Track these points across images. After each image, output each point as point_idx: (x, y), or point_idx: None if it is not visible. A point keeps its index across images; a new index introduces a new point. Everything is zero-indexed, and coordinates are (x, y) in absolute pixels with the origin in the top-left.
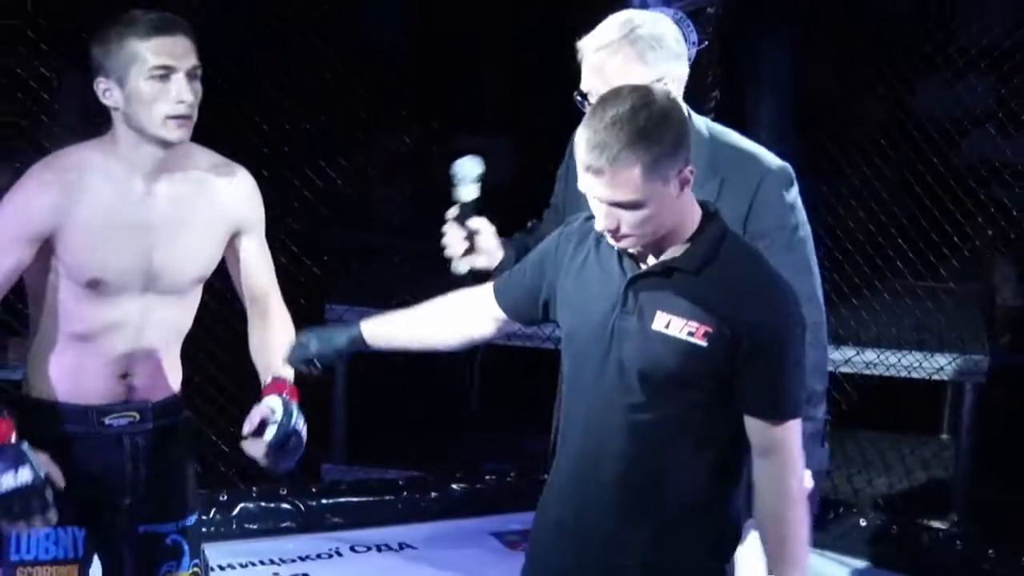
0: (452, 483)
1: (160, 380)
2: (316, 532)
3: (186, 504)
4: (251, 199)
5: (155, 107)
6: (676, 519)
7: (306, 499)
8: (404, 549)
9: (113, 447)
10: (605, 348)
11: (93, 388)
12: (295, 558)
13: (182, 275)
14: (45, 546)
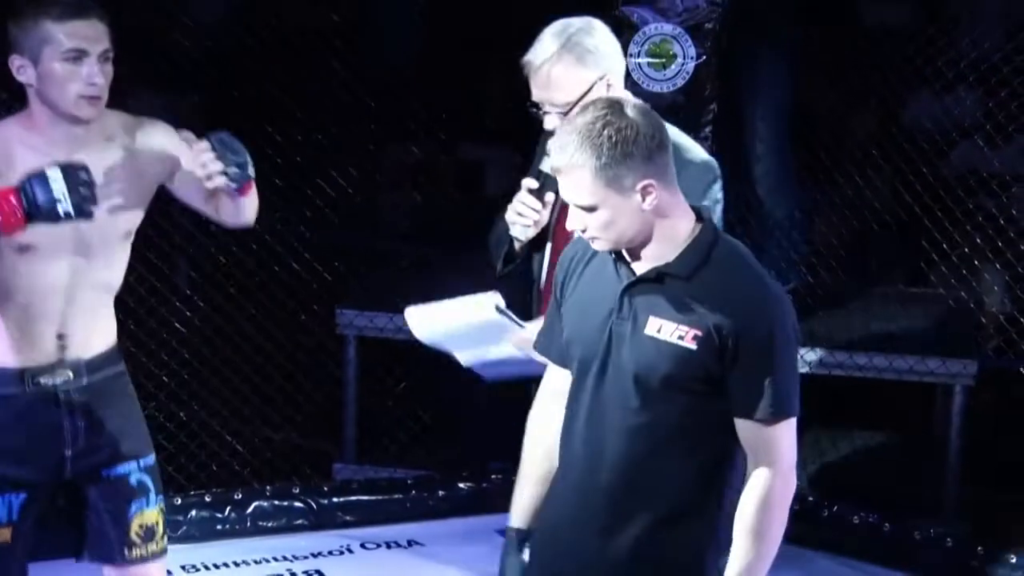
0: (459, 482)
1: (93, 337)
2: (328, 530)
3: (140, 445)
4: (168, 143)
5: (68, 87)
6: (671, 517)
7: (318, 498)
8: (413, 546)
9: (49, 405)
10: (604, 353)
11: (27, 350)
12: (307, 555)
13: (109, 233)
14: None
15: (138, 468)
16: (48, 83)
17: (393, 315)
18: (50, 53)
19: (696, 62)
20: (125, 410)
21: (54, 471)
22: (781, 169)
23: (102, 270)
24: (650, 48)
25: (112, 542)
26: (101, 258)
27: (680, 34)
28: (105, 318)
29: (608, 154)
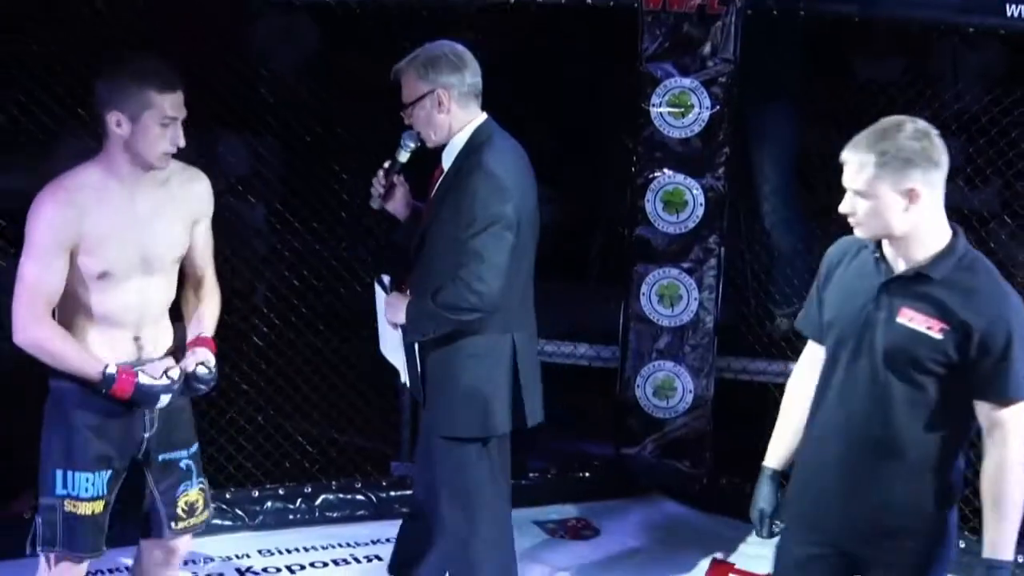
0: None
1: (161, 340)
2: (386, 519)
3: (190, 435)
4: (207, 196)
5: (158, 144)
6: (910, 473)
7: (377, 491)
8: None
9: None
10: (859, 334)
11: (112, 352)
12: (368, 541)
13: (166, 258)
14: (85, 487)
15: (187, 455)
16: (142, 139)
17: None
18: (150, 116)
19: (711, 111)
20: (181, 404)
21: (134, 451)
22: (785, 206)
23: (161, 287)
24: (670, 99)
25: (162, 517)
26: (160, 278)
27: (697, 87)
28: (167, 325)
29: (892, 156)
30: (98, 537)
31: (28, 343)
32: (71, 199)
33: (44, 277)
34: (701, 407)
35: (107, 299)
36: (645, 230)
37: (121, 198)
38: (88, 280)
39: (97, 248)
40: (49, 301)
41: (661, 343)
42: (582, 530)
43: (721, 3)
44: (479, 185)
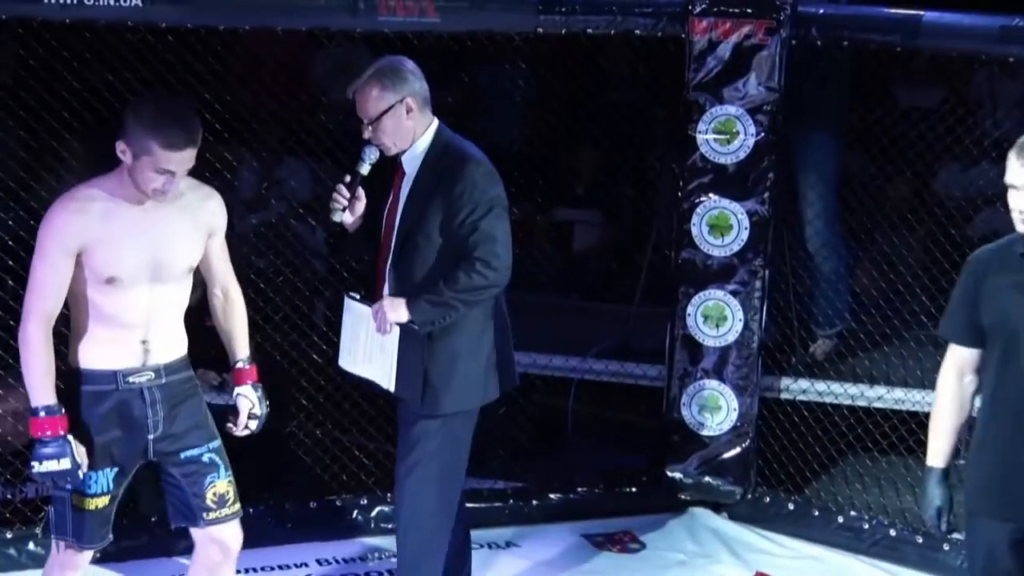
0: (550, 493)
1: (169, 347)
2: None
3: (209, 433)
4: (219, 210)
5: (150, 185)
6: None
7: None
8: (510, 547)
9: (136, 399)
10: None
11: (119, 355)
12: None
13: (177, 268)
14: (88, 484)
15: (208, 449)
16: (137, 174)
17: None
18: (148, 161)
19: (756, 138)
20: (195, 407)
21: (141, 452)
22: (828, 230)
23: (172, 294)
24: (716, 126)
25: (194, 509)
26: (171, 285)
27: (742, 114)
28: (177, 332)
29: None
30: (103, 528)
31: (20, 337)
32: (80, 208)
33: (48, 278)
34: (745, 425)
35: (115, 302)
36: (691, 253)
37: (131, 209)
38: (97, 284)
39: (105, 254)
40: (50, 304)
41: (707, 363)
42: (628, 543)
43: (766, 33)
44: (472, 173)
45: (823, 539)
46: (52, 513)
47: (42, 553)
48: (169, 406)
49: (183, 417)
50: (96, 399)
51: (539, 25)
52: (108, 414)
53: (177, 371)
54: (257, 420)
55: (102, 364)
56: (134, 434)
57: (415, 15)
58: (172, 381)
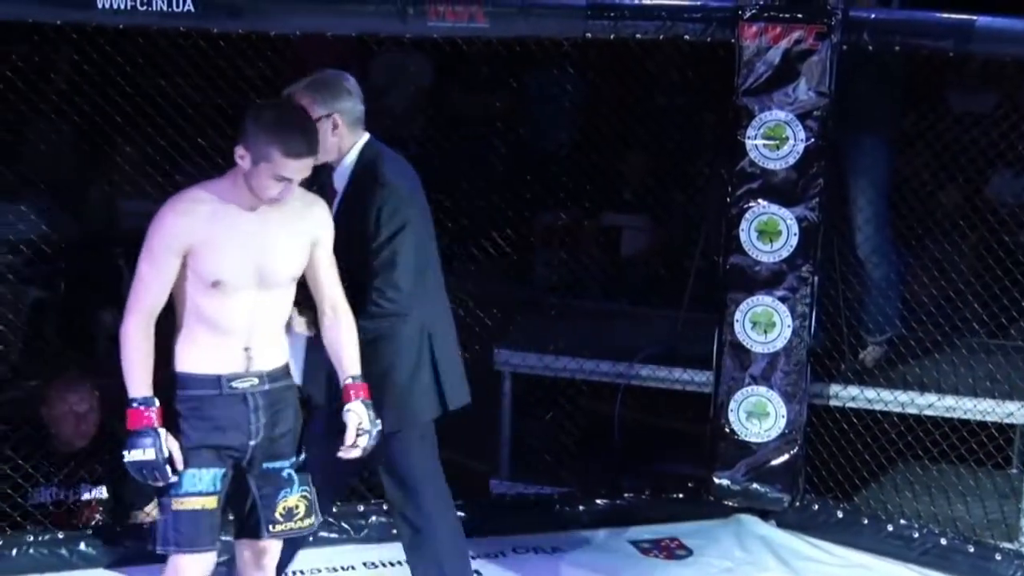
0: (596, 498)
1: (271, 354)
2: (485, 536)
3: (295, 447)
4: (325, 220)
5: (266, 192)
6: None
7: (477, 509)
8: (556, 552)
9: (240, 405)
10: None
11: (222, 361)
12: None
13: (281, 275)
14: (192, 483)
15: (289, 465)
16: (254, 180)
17: (542, 355)
18: (266, 168)
19: (806, 144)
20: (290, 417)
21: (240, 456)
22: (878, 236)
23: (275, 302)
24: (765, 131)
25: (260, 520)
26: (275, 293)
27: (792, 120)
28: (279, 340)
29: None
30: (212, 532)
31: (120, 334)
32: (189, 209)
33: (152, 277)
34: (794, 432)
35: (219, 307)
36: (740, 258)
37: (239, 214)
38: (202, 287)
39: (211, 257)
40: (152, 302)
41: (755, 369)
42: (675, 550)
43: (817, 38)
44: (380, 197)
45: (872, 547)
46: (159, 524)
47: (93, 554)
48: (270, 413)
49: (279, 426)
50: (200, 402)
51: (587, 30)
52: (212, 417)
53: (278, 379)
54: (367, 437)
55: (206, 368)
56: (237, 439)
57: (464, 20)
58: (274, 388)
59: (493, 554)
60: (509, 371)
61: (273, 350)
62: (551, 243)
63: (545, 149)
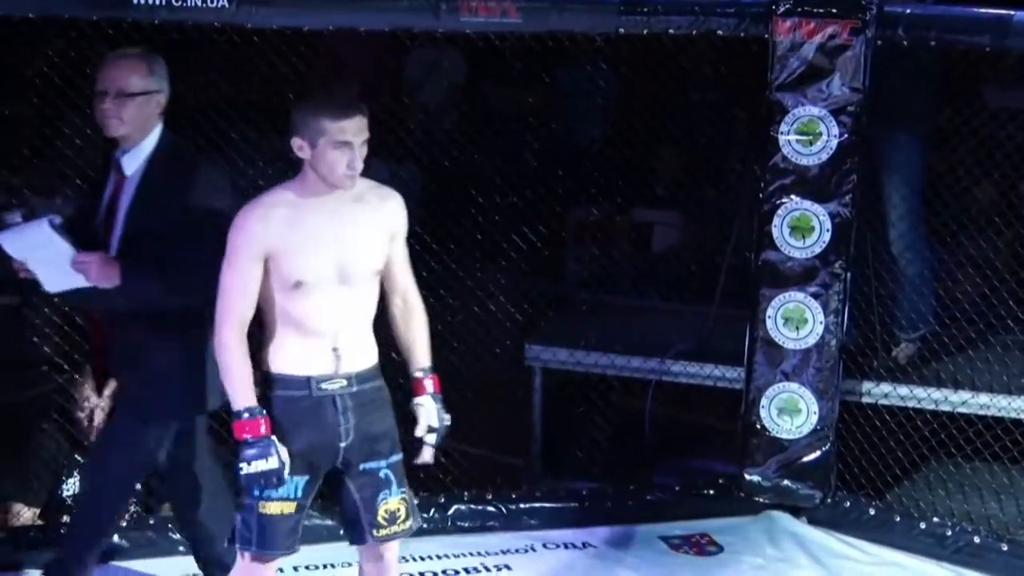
0: (627, 494)
1: (360, 354)
2: (515, 531)
3: (391, 446)
4: (400, 212)
5: (336, 168)
6: None
7: (508, 503)
8: (586, 547)
9: (328, 406)
10: None
11: (311, 362)
12: (498, 551)
13: (362, 269)
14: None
15: (386, 465)
16: (320, 163)
17: (573, 351)
18: (325, 142)
19: (839, 140)
20: (383, 416)
21: (331, 460)
22: (912, 233)
23: (360, 298)
24: (799, 127)
25: (364, 525)
26: (358, 289)
27: (825, 115)
28: (367, 339)
29: None
30: (288, 537)
31: (214, 346)
32: (266, 214)
33: (236, 285)
34: (826, 429)
35: (304, 307)
36: (772, 254)
37: (316, 213)
38: (286, 289)
39: (292, 259)
40: (242, 310)
41: (786, 365)
42: (706, 546)
43: (851, 33)
44: (200, 182)
45: (904, 545)
46: (239, 522)
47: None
48: (360, 414)
49: (371, 427)
50: (289, 404)
51: (620, 25)
52: (301, 420)
53: (368, 379)
54: (436, 433)
55: (295, 370)
56: (326, 441)
57: (497, 16)
58: (363, 389)
59: (523, 549)
60: (540, 366)
61: (362, 351)
62: (583, 239)
63: (577, 144)
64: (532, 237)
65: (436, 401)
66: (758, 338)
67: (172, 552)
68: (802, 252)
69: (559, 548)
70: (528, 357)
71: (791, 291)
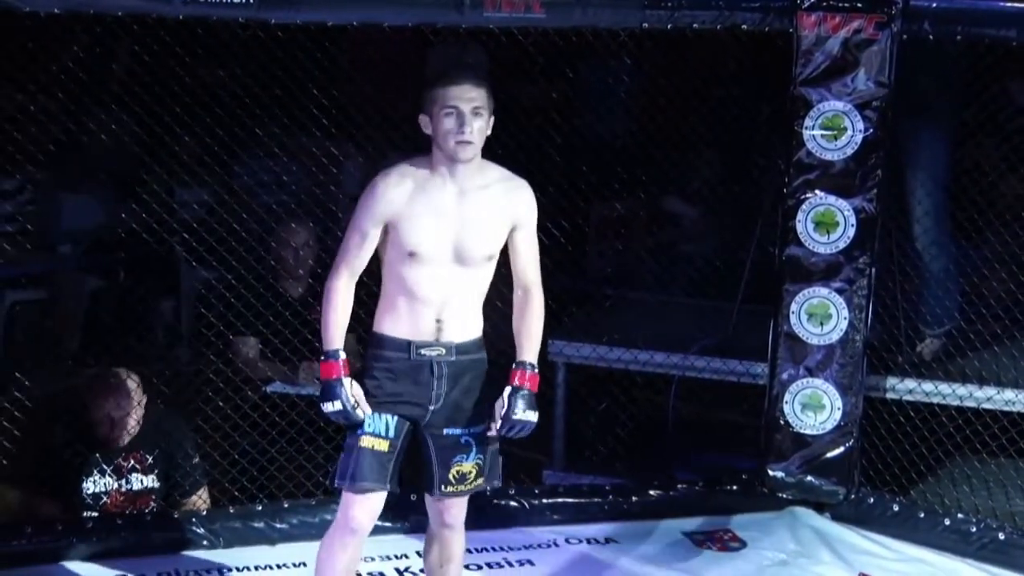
0: (650, 489)
1: (462, 327)
2: (538, 526)
3: (478, 418)
4: (527, 203)
5: (448, 136)
6: None
7: (530, 499)
8: (609, 543)
9: (426, 370)
10: None
11: (415, 328)
12: (521, 546)
13: (477, 252)
14: (368, 424)
15: (467, 433)
16: (438, 135)
17: (596, 346)
18: (437, 111)
19: (864, 135)
20: (476, 388)
21: (419, 417)
22: (937, 228)
23: (470, 279)
24: (823, 122)
25: (435, 479)
26: (470, 270)
27: (850, 110)
28: (473, 315)
29: None
30: (379, 472)
31: (325, 288)
32: (397, 182)
33: (355, 241)
34: (849, 424)
35: (416, 276)
36: (796, 250)
37: (441, 190)
38: (401, 256)
39: (410, 228)
40: (356, 263)
41: (810, 361)
42: (729, 541)
43: (877, 28)
44: None
45: (929, 541)
46: (341, 460)
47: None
48: (453, 382)
49: (463, 397)
50: (390, 361)
51: (644, 20)
52: (399, 375)
53: (467, 352)
54: (509, 425)
55: (399, 333)
56: (417, 399)
57: (520, 11)
58: (461, 360)
59: (546, 544)
60: (563, 362)
61: (464, 324)
62: (606, 234)
63: (601, 139)
64: (555, 232)
65: (519, 395)
66: (782, 333)
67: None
68: (826, 247)
69: (582, 543)
70: (551, 352)
71: (815, 286)
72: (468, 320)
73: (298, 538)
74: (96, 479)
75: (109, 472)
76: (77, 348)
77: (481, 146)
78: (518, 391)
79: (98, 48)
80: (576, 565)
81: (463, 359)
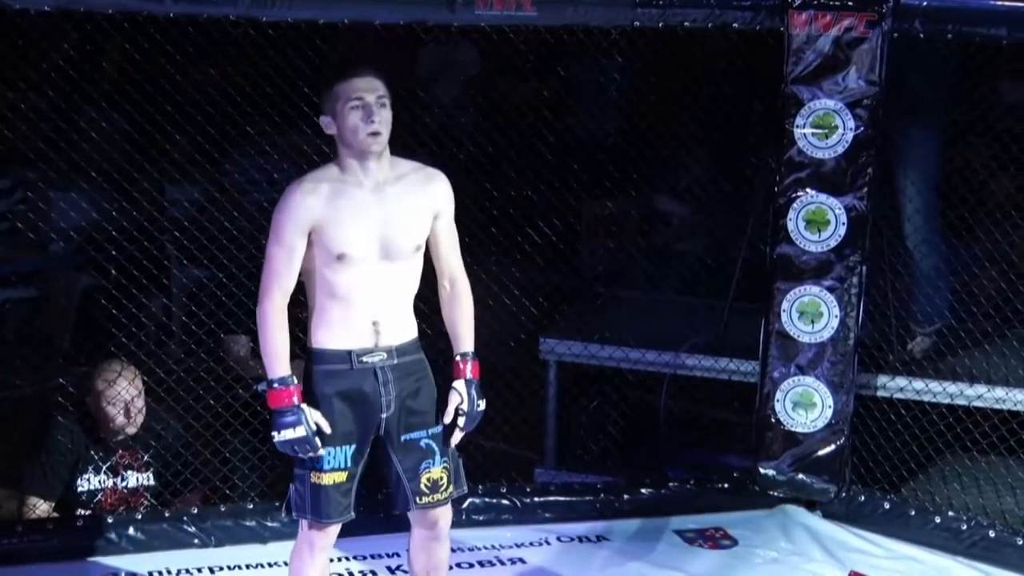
0: (641, 487)
1: (399, 329)
2: (529, 524)
3: (431, 418)
4: (445, 192)
5: (358, 130)
6: None
7: (522, 497)
8: (600, 541)
9: (369, 378)
10: None
11: (352, 335)
12: (512, 545)
13: (405, 245)
14: (327, 459)
15: (427, 435)
16: (344, 130)
17: (588, 344)
18: (342, 106)
19: (855, 133)
20: (423, 388)
21: (374, 430)
22: (927, 227)
23: (401, 274)
24: (814, 120)
25: (408, 493)
26: (399, 264)
27: (841, 108)
28: (407, 314)
29: None
30: (341, 504)
31: (257, 315)
32: (311, 188)
33: (282, 257)
34: (840, 423)
35: (346, 280)
36: (787, 248)
37: (358, 189)
38: (328, 261)
39: (335, 232)
40: (285, 282)
41: (801, 359)
42: (720, 539)
43: (868, 26)
44: None
45: (920, 539)
46: (292, 492)
47: (141, 538)
48: (401, 386)
49: (412, 398)
50: (331, 378)
51: (636, 19)
52: (343, 393)
53: (407, 353)
54: (466, 417)
55: (336, 344)
56: (368, 413)
57: (512, 9)
58: (403, 362)
59: (537, 542)
60: (555, 360)
61: (401, 325)
62: (597, 232)
63: (592, 137)
64: (547, 230)
65: (471, 386)
66: (773, 331)
67: (187, 545)
68: (817, 246)
69: (573, 541)
70: (543, 350)
71: (806, 285)
72: (404, 321)
73: (289, 536)
74: (91, 477)
75: (104, 470)
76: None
77: (387, 138)
78: (472, 383)
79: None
80: (567, 563)
81: (405, 360)
